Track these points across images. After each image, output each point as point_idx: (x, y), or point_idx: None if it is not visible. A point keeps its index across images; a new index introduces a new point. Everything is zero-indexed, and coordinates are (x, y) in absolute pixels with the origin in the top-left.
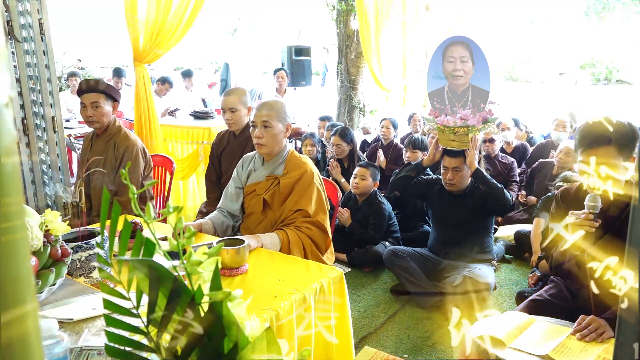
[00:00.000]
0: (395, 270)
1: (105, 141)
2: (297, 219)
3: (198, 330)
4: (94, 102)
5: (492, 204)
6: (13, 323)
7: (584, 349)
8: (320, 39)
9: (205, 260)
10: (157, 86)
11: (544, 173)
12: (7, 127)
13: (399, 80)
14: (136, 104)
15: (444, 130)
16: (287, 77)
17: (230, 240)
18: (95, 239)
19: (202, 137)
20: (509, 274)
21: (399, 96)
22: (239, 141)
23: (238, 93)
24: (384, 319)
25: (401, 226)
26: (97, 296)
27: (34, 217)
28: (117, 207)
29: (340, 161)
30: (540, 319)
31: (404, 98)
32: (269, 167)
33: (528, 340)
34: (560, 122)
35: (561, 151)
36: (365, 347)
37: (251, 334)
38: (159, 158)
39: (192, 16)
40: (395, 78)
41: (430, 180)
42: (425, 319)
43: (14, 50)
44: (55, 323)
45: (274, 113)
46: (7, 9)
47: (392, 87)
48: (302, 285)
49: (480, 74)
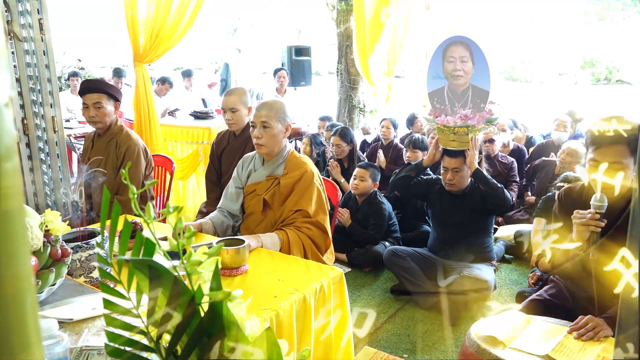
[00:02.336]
0: (395, 270)
1: (107, 141)
2: (297, 219)
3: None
4: (96, 102)
5: (492, 204)
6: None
7: (583, 348)
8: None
9: (205, 260)
10: (157, 86)
11: (546, 172)
12: (7, 127)
13: (384, 78)
14: (136, 104)
15: (444, 130)
16: (287, 77)
17: (230, 240)
18: (95, 239)
19: (202, 137)
20: (509, 274)
21: (382, 93)
22: (239, 141)
23: (238, 93)
24: (384, 319)
25: (401, 226)
26: (97, 296)
27: (34, 217)
28: (117, 207)
29: (340, 161)
30: (538, 318)
31: (388, 95)
32: (269, 167)
33: (527, 340)
34: (561, 122)
35: (564, 152)
36: (365, 347)
37: (251, 334)
38: (159, 158)
39: (192, 16)
40: (381, 76)
41: (430, 180)
42: (425, 319)
43: (14, 50)
44: (55, 323)
45: (273, 113)
46: (7, 9)
47: (379, 84)
48: (302, 285)
49: (480, 74)
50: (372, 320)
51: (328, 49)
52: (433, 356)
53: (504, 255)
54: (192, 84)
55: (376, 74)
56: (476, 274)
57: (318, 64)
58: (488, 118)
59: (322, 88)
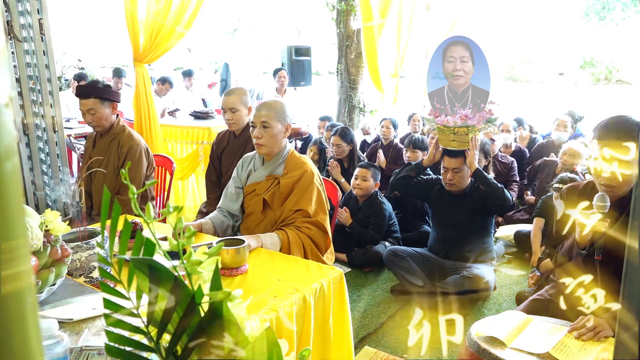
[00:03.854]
0: (395, 270)
1: (109, 141)
2: (297, 219)
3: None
4: (90, 108)
5: (492, 204)
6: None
7: (583, 347)
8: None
9: (205, 260)
10: (157, 86)
11: (547, 172)
12: (7, 127)
13: (391, 80)
14: (136, 104)
15: (444, 130)
16: (287, 77)
17: (230, 240)
18: (95, 239)
19: (202, 137)
20: (509, 274)
21: (390, 95)
22: (239, 141)
23: (238, 93)
24: (384, 319)
25: (401, 226)
26: (97, 296)
27: (34, 217)
28: (118, 207)
29: (340, 161)
30: (538, 318)
31: (395, 97)
32: (269, 167)
33: (528, 340)
34: (561, 122)
35: (565, 152)
36: (365, 347)
37: (251, 334)
38: (159, 158)
39: (192, 16)
40: (388, 78)
41: (431, 180)
42: (425, 319)
43: (14, 50)
44: (55, 323)
45: (273, 113)
46: (7, 9)
47: (387, 87)
48: (302, 285)
49: (480, 74)
50: (372, 320)
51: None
52: (433, 356)
53: (504, 255)
54: (193, 84)
55: (385, 77)
56: (476, 274)
57: (318, 64)
58: (488, 118)
59: (322, 88)
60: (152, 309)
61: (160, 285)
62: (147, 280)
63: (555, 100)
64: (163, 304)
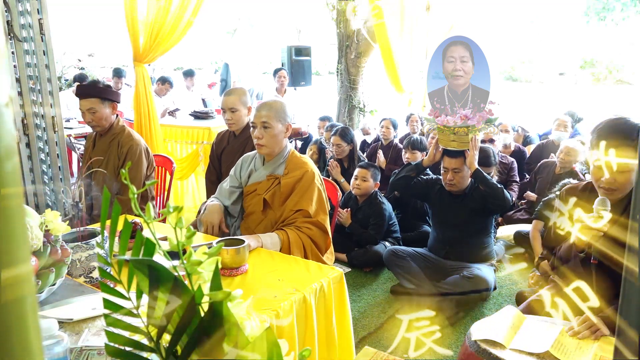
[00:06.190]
0: (395, 270)
1: (109, 141)
2: (297, 219)
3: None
4: (90, 108)
5: (492, 204)
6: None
7: (578, 346)
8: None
9: (205, 260)
10: (157, 86)
11: (547, 172)
12: (7, 127)
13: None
14: (136, 104)
15: (444, 131)
16: (287, 77)
17: (230, 240)
18: (95, 239)
19: (202, 137)
20: (509, 274)
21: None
22: (239, 141)
23: (238, 93)
24: (384, 319)
25: (401, 226)
26: (97, 296)
27: (34, 217)
28: (117, 207)
29: (340, 161)
30: (530, 317)
31: (410, 99)
32: (269, 167)
33: (526, 339)
34: (561, 122)
35: (562, 151)
36: (365, 347)
37: (251, 334)
38: (159, 158)
39: (192, 16)
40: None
41: (431, 180)
42: (425, 319)
43: (14, 50)
44: (55, 323)
45: (273, 113)
46: (7, 9)
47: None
48: (302, 285)
49: (480, 74)
50: (372, 320)
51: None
52: (433, 356)
53: (504, 255)
54: (194, 84)
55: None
56: (476, 274)
57: (318, 64)
58: (488, 118)
59: (322, 88)
60: (152, 309)
61: (160, 286)
62: (147, 280)
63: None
64: (163, 304)
